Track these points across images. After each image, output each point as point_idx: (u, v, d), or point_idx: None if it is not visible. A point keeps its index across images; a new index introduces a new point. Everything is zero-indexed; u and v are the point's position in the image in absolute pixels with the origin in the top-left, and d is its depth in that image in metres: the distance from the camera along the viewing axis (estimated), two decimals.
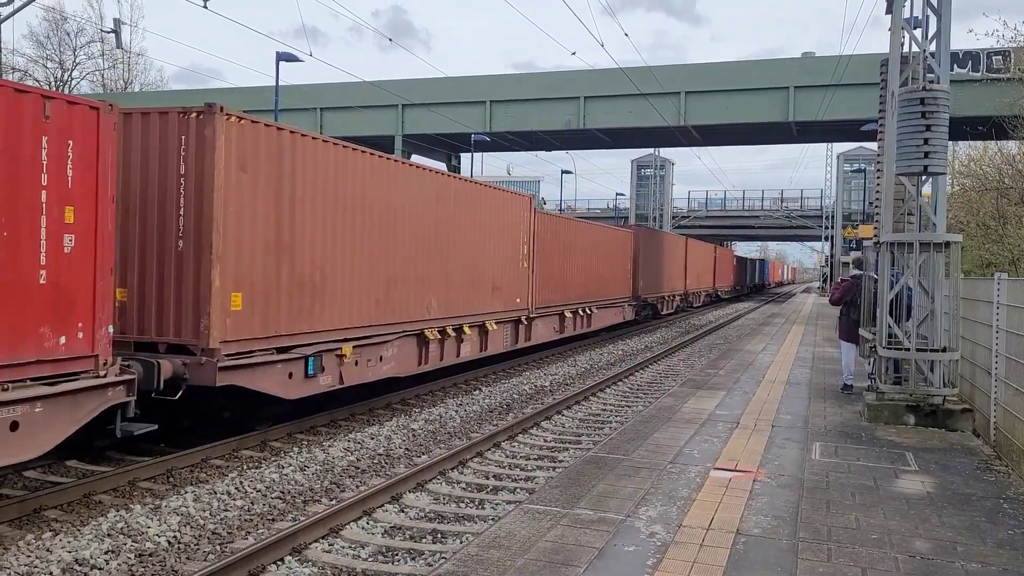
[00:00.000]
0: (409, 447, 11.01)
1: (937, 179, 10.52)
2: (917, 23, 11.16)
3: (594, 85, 39.19)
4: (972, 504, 6.72)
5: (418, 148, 44.96)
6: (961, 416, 9.82)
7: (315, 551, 7.03)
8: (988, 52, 31.23)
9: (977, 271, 23.51)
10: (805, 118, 36.75)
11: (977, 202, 26.61)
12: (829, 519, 6.22)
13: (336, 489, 8.99)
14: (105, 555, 6.75)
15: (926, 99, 9.68)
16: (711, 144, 46.95)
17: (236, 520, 7.79)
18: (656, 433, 9.23)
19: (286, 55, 25.31)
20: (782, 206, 70.01)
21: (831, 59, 35.21)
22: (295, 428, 11.41)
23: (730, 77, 37.91)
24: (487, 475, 9.87)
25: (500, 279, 17.51)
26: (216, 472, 9.39)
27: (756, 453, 8.33)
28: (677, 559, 5.31)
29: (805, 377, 14.38)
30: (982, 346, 9.63)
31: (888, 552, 5.53)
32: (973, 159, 29.30)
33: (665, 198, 60.55)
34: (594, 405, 14.75)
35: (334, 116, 42.85)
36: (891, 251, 10.33)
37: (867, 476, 7.53)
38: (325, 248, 11.33)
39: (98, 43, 42.47)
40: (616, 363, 21.15)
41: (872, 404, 10.24)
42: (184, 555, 6.93)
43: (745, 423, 9.93)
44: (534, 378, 17.54)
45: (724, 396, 11.99)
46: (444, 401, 14.28)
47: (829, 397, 12.16)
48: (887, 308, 10.24)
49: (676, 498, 6.68)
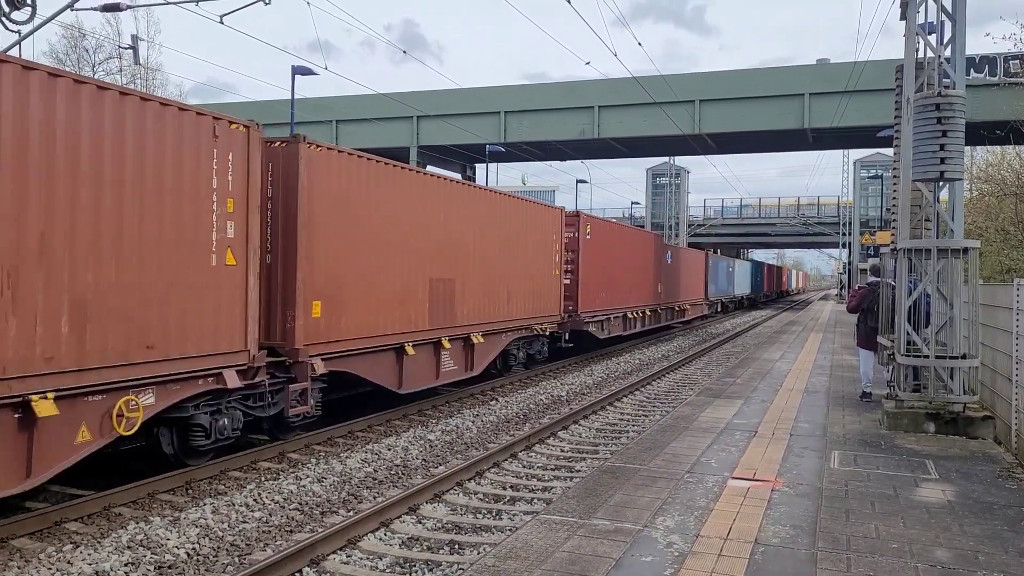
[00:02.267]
0: (426, 458, 11.02)
1: (954, 185, 10.44)
2: (932, 29, 11.10)
3: (608, 94, 39.19)
4: (994, 512, 6.65)
5: (433, 159, 45.06)
6: (982, 423, 9.72)
7: (333, 562, 7.05)
8: (1005, 56, 31.01)
9: (997, 277, 23.28)
10: (820, 125, 36.58)
11: (996, 207, 26.38)
12: (848, 528, 6.17)
13: (353, 500, 9.01)
14: (125, 567, 6.80)
15: (942, 105, 9.63)
16: (726, 152, 46.77)
17: (254, 532, 7.82)
18: (673, 442, 9.19)
19: (302, 68, 25.50)
20: (799, 213, 69.59)
21: (846, 65, 35.06)
22: (312, 439, 11.45)
23: (745, 85, 37.82)
24: (504, 486, 9.86)
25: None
26: (234, 484, 9.44)
27: (774, 462, 8.28)
28: (695, 569, 5.28)
29: (823, 385, 14.28)
30: (1002, 352, 9.53)
31: (908, 561, 5.48)
32: (991, 164, 29.08)
33: (681, 207, 60.34)
34: (611, 415, 14.72)
35: (349, 128, 43.06)
36: (908, 258, 10.26)
37: (887, 485, 7.47)
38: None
39: (116, 59, 42.83)
40: (633, 372, 21.09)
41: (891, 412, 10.15)
42: (203, 567, 6.97)
43: (763, 432, 9.88)
44: (550, 388, 17.52)
45: (742, 405, 11.93)
46: (461, 412, 14.29)
47: (848, 405, 12.07)
48: (905, 315, 10.17)
49: (694, 508, 6.65)
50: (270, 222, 10.66)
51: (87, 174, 7.81)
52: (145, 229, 8.47)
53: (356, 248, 11.95)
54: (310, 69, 25.41)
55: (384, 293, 12.65)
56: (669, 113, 36.93)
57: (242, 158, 9.73)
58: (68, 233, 7.64)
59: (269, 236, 10.63)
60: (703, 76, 39.38)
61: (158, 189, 8.60)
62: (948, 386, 9.78)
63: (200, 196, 9.16)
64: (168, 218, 8.75)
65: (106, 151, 8.00)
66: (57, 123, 7.51)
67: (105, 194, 8.01)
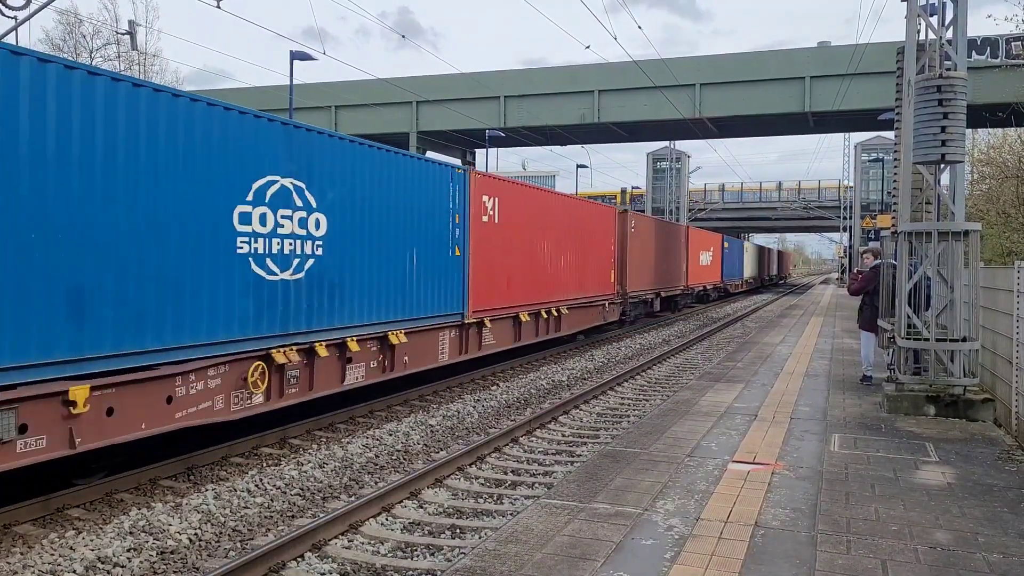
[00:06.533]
0: (427, 443, 11.05)
1: (955, 167, 10.41)
2: (933, 10, 11.05)
3: (608, 79, 39.05)
4: (994, 494, 6.66)
5: (433, 145, 44.97)
6: (982, 406, 9.73)
7: (335, 547, 7.07)
8: (1007, 38, 30.87)
9: (998, 259, 23.25)
10: (821, 108, 36.47)
11: (997, 190, 26.32)
12: (848, 511, 6.18)
13: (355, 485, 9.04)
14: (127, 553, 6.82)
15: (943, 87, 9.58)
16: (727, 136, 46.63)
17: (256, 517, 7.85)
18: (674, 426, 9.21)
19: (300, 54, 25.39)
20: (800, 197, 69.44)
21: (847, 48, 34.92)
22: (314, 425, 11.48)
23: (745, 68, 37.66)
24: (505, 470, 9.88)
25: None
26: (236, 470, 9.46)
27: (775, 445, 8.30)
28: (695, 552, 5.30)
29: (824, 369, 14.29)
30: (1003, 335, 9.53)
31: (908, 544, 5.49)
32: (993, 147, 28.98)
33: (682, 191, 60.22)
34: (612, 399, 14.74)
35: (348, 114, 42.95)
36: (909, 241, 10.25)
37: (887, 467, 7.48)
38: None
39: (114, 45, 42.57)
40: (634, 357, 21.11)
41: (891, 395, 10.16)
42: (205, 552, 6.99)
43: (763, 415, 9.89)
44: (552, 372, 17.54)
45: (742, 389, 11.95)
46: (462, 397, 14.31)
47: (848, 389, 12.09)
48: (906, 298, 10.16)
49: (694, 491, 6.66)
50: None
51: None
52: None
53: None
54: (308, 54, 25.31)
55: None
56: (669, 97, 36.80)
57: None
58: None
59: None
60: (703, 60, 39.17)
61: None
62: (948, 369, 9.79)
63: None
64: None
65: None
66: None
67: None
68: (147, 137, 8.28)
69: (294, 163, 10.39)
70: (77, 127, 7.51)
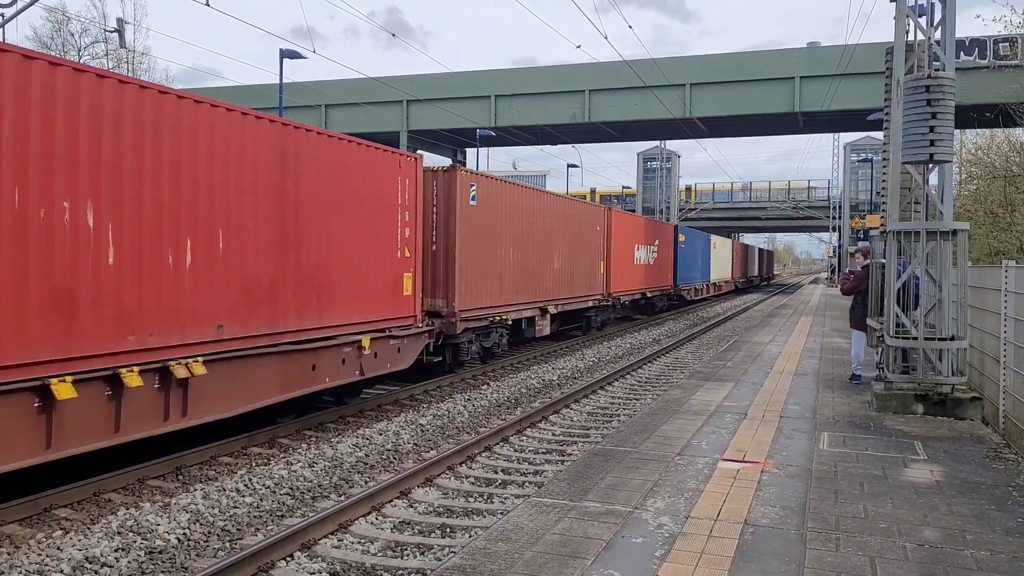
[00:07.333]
0: (417, 442, 11.03)
1: (943, 167, 10.46)
2: (922, 11, 11.09)
3: (599, 79, 39.05)
4: (981, 492, 6.69)
5: (423, 144, 44.88)
6: (970, 404, 9.78)
7: (324, 547, 7.05)
8: (995, 39, 31.03)
9: (986, 259, 23.39)
10: (811, 108, 36.58)
11: (985, 190, 26.48)
12: (837, 509, 6.20)
13: (345, 485, 9.01)
14: (115, 553, 6.78)
15: (931, 87, 9.62)
16: (717, 136, 46.72)
17: (245, 517, 7.82)
18: (664, 425, 9.22)
19: (290, 52, 25.32)
20: (789, 197, 69.69)
21: (836, 49, 35.04)
22: (303, 425, 11.44)
23: (735, 68, 37.74)
24: (495, 469, 9.88)
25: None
26: (225, 469, 9.43)
27: (764, 444, 8.32)
28: (685, 550, 5.30)
29: (813, 368, 14.34)
30: (991, 334, 9.58)
31: (897, 541, 5.51)
32: (981, 147, 29.16)
33: (672, 190, 60.37)
34: (602, 398, 14.75)
35: (338, 113, 42.82)
36: (898, 240, 10.28)
37: (876, 466, 7.51)
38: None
39: (102, 43, 42.34)
40: (624, 356, 21.13)
41: (880, 394, 10.20)
42: (194, 552, 6.96)
43: (753, 414, 9.91)
44: (542, 372, 17.54)
45: (732, 388, 11.97)
46: (452, 396, 14.30)
47: (838, 387, 12.13)
48: (894, 297, 10.20)
49: (684, 490, 6.67)
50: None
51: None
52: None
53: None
54: (298, 53, 25.24)
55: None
56: (660, 97, 36.85)
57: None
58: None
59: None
60: (694, 60, 39.25)
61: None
62: (937, 368, 9.83)
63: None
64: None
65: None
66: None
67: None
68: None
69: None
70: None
